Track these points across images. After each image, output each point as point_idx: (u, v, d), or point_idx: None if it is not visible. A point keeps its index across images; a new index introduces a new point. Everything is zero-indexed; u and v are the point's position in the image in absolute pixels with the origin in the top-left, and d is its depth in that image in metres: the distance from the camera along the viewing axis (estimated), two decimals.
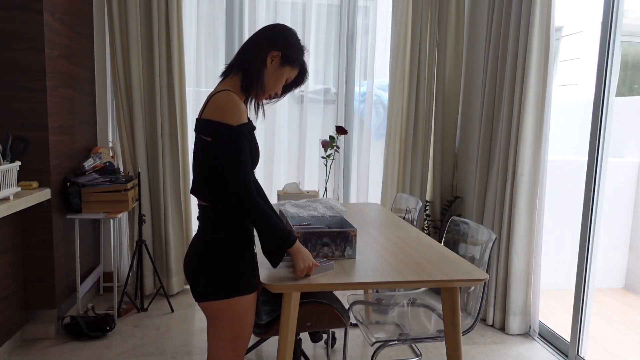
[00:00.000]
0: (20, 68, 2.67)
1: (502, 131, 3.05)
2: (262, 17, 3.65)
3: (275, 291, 1.59)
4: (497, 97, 3.14)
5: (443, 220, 3.86)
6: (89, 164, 3.11)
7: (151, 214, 3.49)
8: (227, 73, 1.58)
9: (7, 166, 2.34)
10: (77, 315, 2.97)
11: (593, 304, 3.73)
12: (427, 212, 3.88)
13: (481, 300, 2.08)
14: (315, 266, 1.62)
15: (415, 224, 2.73)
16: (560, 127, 4.71)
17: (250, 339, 1.74)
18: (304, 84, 1.68)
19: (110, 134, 3.62)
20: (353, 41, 3.79)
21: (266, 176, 3.78)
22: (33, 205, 2.76)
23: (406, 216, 2.88)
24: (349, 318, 2.14)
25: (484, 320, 3.24)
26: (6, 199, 2.35)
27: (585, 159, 2.75)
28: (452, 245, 2.39)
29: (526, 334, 3.06)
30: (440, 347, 2.88)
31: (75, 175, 3.00)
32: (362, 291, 3.45)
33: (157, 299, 3.55)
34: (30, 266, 2.83)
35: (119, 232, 3.75)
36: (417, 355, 2.75)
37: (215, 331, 1.55)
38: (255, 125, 1.61)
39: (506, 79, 3.01)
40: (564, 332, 2.94)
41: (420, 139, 3.74)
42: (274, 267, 1.56)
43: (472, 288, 2.18)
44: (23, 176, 2.73)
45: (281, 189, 3.01)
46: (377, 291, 2.63)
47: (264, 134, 3.74)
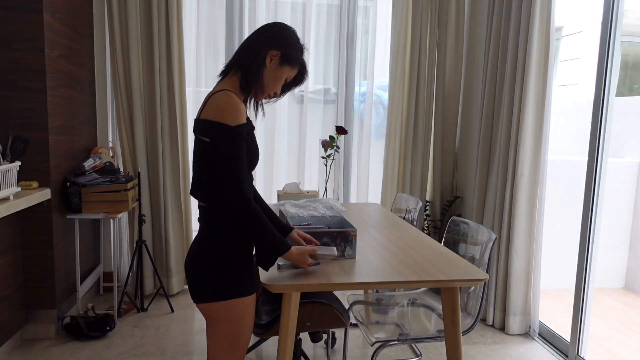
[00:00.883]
0: (20, 68, 2.67)
1: (502, 131, 3.05)
2: (262, 17, 3.65)
3: (275, 291, 1.59)
4: (497, 97, 3.14)
5: (443, 220, 3.86)
6: (89, 164, 3.12)
7: (151, 214, 3.49)
8: (225, 72, 1.57)
9: (7, 166, 2.34)
10: (77, 315, 2.97)
11: (593, 304, 3.73)
12: (427, 212, 3.88)
13: (481, 300, 2.08)
14: (315, 255, 1.63)
15: (415, 224, 2.73)
16: (560, 127, 4.71)
17: (250, 339, 1.73)
18: (303, 83, 1.67)
19: (110, 134, 3.62)
20: (353, 41, 3.79)
21: (266, 176, 3.78)
22: (33, 205, 2.76)
23: (406, 216, 2.88)
24: (349, 318, 2.14)
25: (484, 320, 3.24)
26: (6, 199, 2.35)
27: (585, 159, 2.75)
28: (452, 245, 2.39)
29: (526, 334, 3.06)
30: (440, 347, 2.88)
31: (75, 175, 3.00)
32: (362, 291, 3.45)
33: (157, 299, 3.55)
34: (30, 266, 2.83)
35: (119, 232, 3.75)
36: (417, 355, 2.75)
37: (214, 333, 1.55)
38: (254, 125, 1.60)
39: (506, 79, 3.01)
40: (564, 332, 2.94)
41: (420, 139, 3.74)
42: (266, 270, 1.55)
43: (472, 288, 2.18)
44: (23, 176, 2.73)
45: (281, 189, 3.01)
46: (377, 291, 2.63)
47: (264, 134, 3.74)
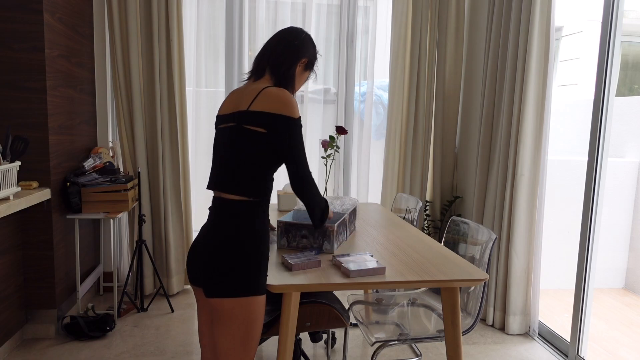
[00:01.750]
0: (20, 68, 2.67)
1: (502, 131, 3.05)
2: (262, 17, 3.65)
3: (275, 291, 1.59)
4: (497, 97, 3.14)
5: (443, 220, 3.86)
6: (89, 164, 3.12)
7: (151, 214, 3.49)
8: (261, 72, 1.64)
9: (7, 166, 2.34)
10: (77, 315, 2.97)
11: (593, 304, 3.73)
12: (427, 212, 3.88)
13: (481, 300, 2.08)
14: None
15: (415, 224, 2.73)
16: (561, 127, 4.71)
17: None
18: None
19: (110, 134, 3.62)
20: (353, 41, 3.79)
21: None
22: (33, 205, 2.76)
23: (406, 216, 2.88)
24: (349, 318, 2.14)
25: (484, 320, 3.24)
26: (6, 199, 2.35)
27: (585, 159, 2.75)
28: (452, 245, 2.39)
29: (526, 334, 3.06)
30: (440, 347, 2.88)
31: (75, 175, 3.00)
32: (362, 291, 3.45)
33: (157, 299, 3.55)
34: (30, 266, 2.83)
35: (119, 232, 3.75)
36: (417, 355, 2.76)
37: (227, 330, 1.51)
38: None
39: (506, 79, 3.01)
40: (564, 332, 2.94)
41: (420, 139, 3.74)
42: (319, 228, 1.85)
43: (472, 288, 2.18)
44: (23, 176, 2.73)
45: (281, 189, 3.01)
46: (377, 291, 2.63)
47: None
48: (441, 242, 2.45)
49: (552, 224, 3.93)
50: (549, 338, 2.98)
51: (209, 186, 1.61)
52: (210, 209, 1.60)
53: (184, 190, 3.54)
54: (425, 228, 3.89)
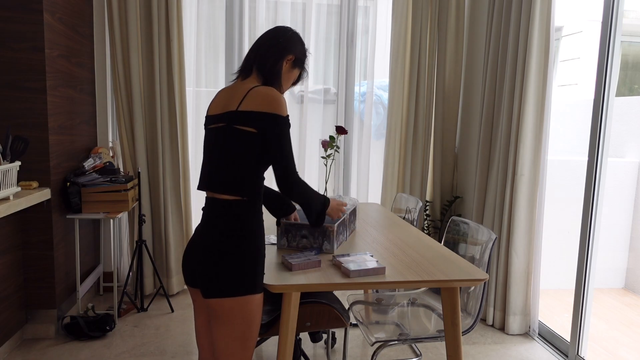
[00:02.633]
0: (20, 68, 2.67)
1: (502, 131, 3.05)
2: (262, 17, 3.65)
3: (276, 291, 1.59)
4: (497, 97, 3.14)
5: (443, 220, 3.86)
6: (89, 164, 3.12)
7: (151, 214, 3.49)
8: (248, 71, 1.64)
9: (7, 166, 2.34)
10: (77, 315, 2.97)
11: (593, 304, 3.73)
12: (427, 212, 3.88)
13: (481, 300, 2.08)
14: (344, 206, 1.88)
15: (415, 224, 2.73)
16: (561, 127, 4.71)
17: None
18: (302, 82, 1.77)
19: (110, 134, 3.62)
20: (353, 41, 3.79)
21: (266, 176, 3.78)
22: (33, 205, 2.76)
23: (406, 216, 2.88)
24: (349, 318, 2.14)
25: (484, 320, 3.24)
26: (6, 199, 2.35)
27: (585, 159, 2.75)
28: (452, 245, 2.39)
29: (526, 334, 3.06)
30: (440, 347, 2.88)
31: (75, 175, 3.00)
32: (362, 291, 3.45)
33: (157, 299, 3.55)
34: (30, 266, 2.83)
35: (119, 232, 3.75)
36: (417, 355, 2.76)
37: (225, 330, 1.52)
38: None
39: (506, 79, 3.01)
40: (564, 332, 2.94)
41: (420, 139, 3.74)
42: (318, 227, 1.87)
43: (472, 288, 2.18)
44: (23, 176, 2.73)
45: None
46: (377, 291, 2.63)
47: None
48: (441, 242, 2.45)
49: (552, 224, 3.93)
50: (549, 338, 2.98)
51: (199, 187, 1.61)
52: (203, 209, 1.60)
53: (184, 190, 3.54)
54: (425, 228, 3.89)
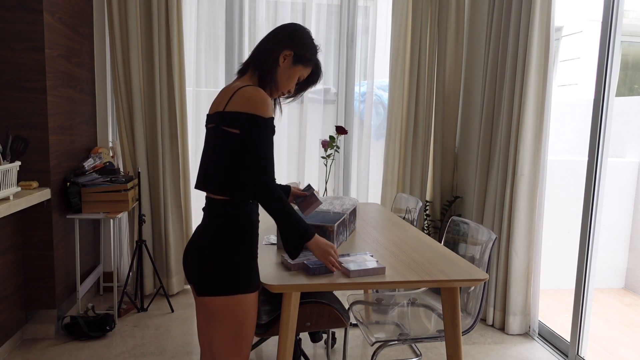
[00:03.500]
0: (20, 68, 2.67)
1: (502, 131, 3.05)
2: (262, 17, 3.65)
3: (276, 291, 1.59)
4: (497, 97, 3.14)
5: (443, 220, 3.86)
6: (89, 164, 3.12)
7: (151, 214, 3.49)
8: (244, 70, 1.62)
9: (7, 166, 2.34)
10: (77, 315, 2.97)
11: (593, 304, 3.73)
12: (427, 212, 3.88)
13: (481, 300, 2.08)
14: (338, 262, 1.62)
15: (415, 224, 2.73)
16: (561, 127, 4.71)
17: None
18: (318, 82, 1.72)
19: (110, 134, 3.62)
20: (353, 41, 3.79)
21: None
22: (33, 205, 2.76)
23: (406, 216, 2.88)
24: (349, 318, 2.14)
25: (484, 320, 3.24)
26: (6, 199, 2.35)
27: (585, 159, 2.75)
28: (452, 245, 2.39)
29: (526, 334, 3.06)
30: (440, 347, 2.88)
31: (75, 175, 3.00)
32: (362, 291, 3.45)
33: (157, 299, 3.55)
34: (30, 266, 2.83)
35: (119, 232, 3.75)
36: (417, 355, 2.75)
37: (219, 329, 1.53)
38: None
39: (506, 79, 3.01)
40: (564, 332, 2.94)
41: (420, 139, 3.74)
42: (292, 259, 1.58)
43: (472, 288, 2.18)
44: (23, 176, 2.73)
45: None
46: (377, 291, 2.63)
47: None
48: (441, 242, 2.45)
49: (552, 224, 3.93)
50: (549, 338, 2.98)
51: (196, 185, 1.61)
52: (203, 209, 1.62)
53: (184, 190, 3.54)
54: (425, 228, 3.89)
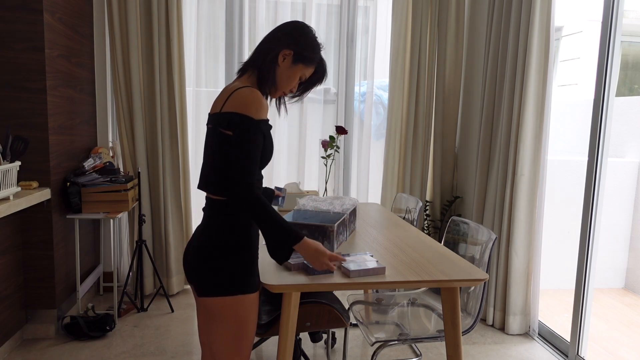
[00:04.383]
0: (20, 68, 2.67)
1: (502, 131, 3.05)
2: (262, 17, 3.65)
3: (276, 291, 1.59)
4: (497, 97, 3.14)
5: (443, 220, 3.86)
6: (89, 164, 3.12)
7: (151, 214, 3.49)
8: (244, 70, 1.60)
9: (7, 166, 2.34)
10: (77, 315, 2.97)
11: (593, 304, 3.73)
12: (427, 212, 3.88)
13: (481, 300, 2.08)
14: (338, 260, 1.56)
15: (415, 224, 2.73)
16: (561, 127, 4.71)
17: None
18: (322, 82, 1.67)
19: (110, 134, 3.62)
20: (353, 41, 3.79)
21: (266, 176, 3.78)
22: (33, 205, 2.76)
23: (406, 216, 2.88)
24: (349, 318, 2.14)
25: (484, 320, 3.24)
26: (6, 199, 2.35)
27: (585, 159, 2.75)
28: (452, 245, 2.39)
29: (526, 334, 3.06)
30: (440, 347, 2.88)
31: (75, 175, 3.00)
32: (362, 291, 3.45)
33: (157, 299, 3.55)
34: (30, 266, 2.83)
35: (119, 232, 3.75)
36: (417, 355, 2.75)
37: (219, 330, 1.53)
38: (271, 125, 1.62)
39: (506, 79, 3.01)
40: (564, 332, 2.94)
41: (420, 139, 3.74)
42: (280, 264, 1.55)
43: (472, 288, 2.18)
44: (23, 176, 2.73)
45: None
46: (377, 291, 2.63)
47: None
48: (441, 242, 2.45)
49: (552, 224, 3.93)
50: (549, 338, 2.98)
51: (198, 186, 1.61)
52: (203, 209, 1.61)
53: (184, 190, 3.54)
54: (425, 228, 3.89)
